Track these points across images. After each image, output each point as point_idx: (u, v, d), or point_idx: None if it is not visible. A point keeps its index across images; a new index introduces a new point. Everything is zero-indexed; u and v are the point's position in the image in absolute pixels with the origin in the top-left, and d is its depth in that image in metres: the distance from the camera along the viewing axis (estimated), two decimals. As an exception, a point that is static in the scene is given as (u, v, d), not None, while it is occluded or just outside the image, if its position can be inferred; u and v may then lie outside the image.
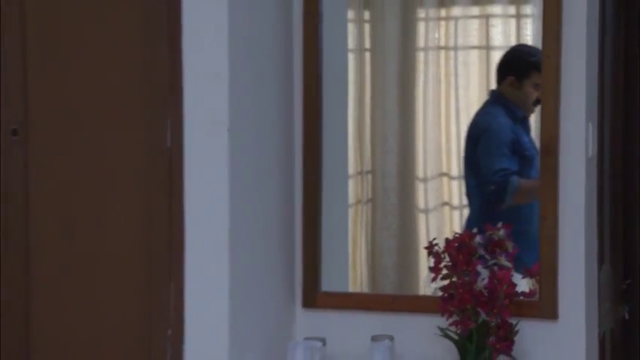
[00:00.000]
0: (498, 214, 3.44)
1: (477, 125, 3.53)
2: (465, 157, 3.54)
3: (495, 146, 3.45)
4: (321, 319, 3.53)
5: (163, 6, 3.17)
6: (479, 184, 3.54)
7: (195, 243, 3.20)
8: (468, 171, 3.55)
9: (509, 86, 3.46)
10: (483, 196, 3.54)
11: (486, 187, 3.51)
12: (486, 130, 3.50)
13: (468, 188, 3.55)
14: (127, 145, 3.23)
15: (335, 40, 3.56)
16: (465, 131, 3.58)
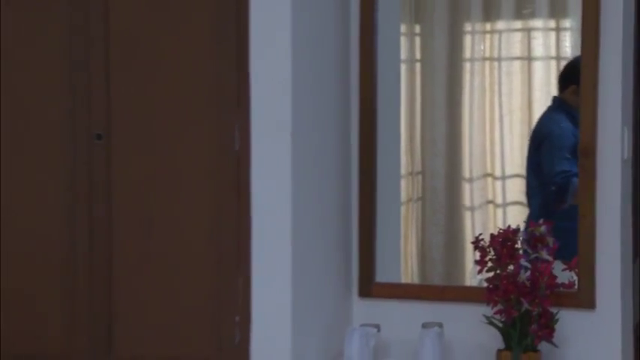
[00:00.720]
0: (557, 213, 3.29)
1: (539, 130, 3.41)
2: (528, 159, 3.43)
3: (557, 150, 3.32)
4: (375, 308, 3.43)
5: (232, 23, 3.10)
6: (540, 184, 3.41)
7: (260, 239, 3.12)
8: (530, 172, 3.43)
9: (571, 94, 3.32)
10: (544, 196, 3.41)
11: (547, 188, 3.37)
12: (549, 134, 3.37)
13: (529, 188, 3.44)
14: (199, 148, 3.15)
15: (389, 52, 3.47)
16: (516, 135, 3.50)
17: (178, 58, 3.14)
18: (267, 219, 3.11)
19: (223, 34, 3.10)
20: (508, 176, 3.49)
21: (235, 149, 3.12)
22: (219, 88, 3.11)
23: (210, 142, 3.13)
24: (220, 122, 3.12)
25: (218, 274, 3.14)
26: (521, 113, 3.47)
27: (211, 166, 3.13)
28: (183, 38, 3.13)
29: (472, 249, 3.27)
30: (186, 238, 3.15)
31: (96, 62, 3.17)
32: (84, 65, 3.18)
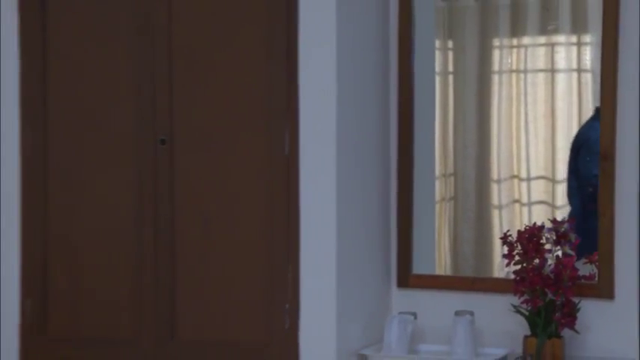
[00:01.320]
0: (593, 211, 3.22)
1: (579, 137, 3.34)
2: (569, 163, 3.35)
3: (594, 155, 3.21)
4: (412, 297, 3.38)
5: (282, 40, 3.06)
6: (579, 186, 3.33)
7: (308, 234, 3.08)
8: (570, 175, 3.35)
9: None
10: (582, 196, 3.33)
11: (585, 190, 3.29)
12: (586, 141, 3.30)
13: (570, 189, 3.36)
14: (253, 152, 3.11)
15: (424, 65, 3.42)
16: (541, 141, 3.43)
17: (234, 71, 3.10)
18: (314, 216, 3.07)
19: (274, 49, 3.06)
20: (533, 178, 3.43)
21: (285, 153, 3.08)
22: (271, 98, 3.08)
23: (263, 147, 3.10)
24: (272, 129, 3.09)
25: (270, 267, 3.10)
26: (545, 121, 3.41)
27: (264, 168, 3.10)
28: (238, 53, 3.10)
29: (500, 244, 3.23)
30: (242, 233, 3.12)
31: (160, 75, 3.14)
32: (150, 78, 3.15)
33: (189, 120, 3.13)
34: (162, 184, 3.15)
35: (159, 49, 3.13)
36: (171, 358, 3.15)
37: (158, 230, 3.15)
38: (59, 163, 3.21)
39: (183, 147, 3.14)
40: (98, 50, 3.17)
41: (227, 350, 3.12)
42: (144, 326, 3.16)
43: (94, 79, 3.19)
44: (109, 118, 3.18)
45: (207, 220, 3.13)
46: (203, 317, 3.14)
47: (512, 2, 3.38)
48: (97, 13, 3.17)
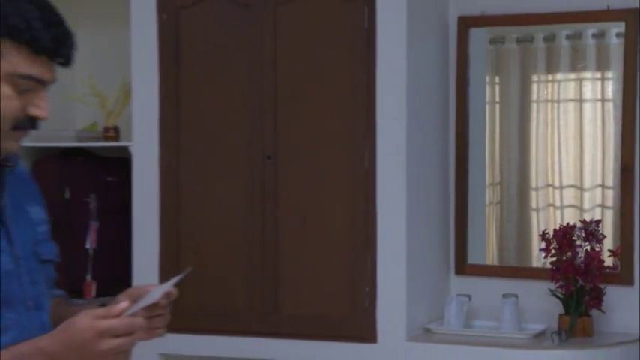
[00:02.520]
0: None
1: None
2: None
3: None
4: (467, 282, 3.24)
5: (364, 77, 2.97)
6: None
7: (383, 231, 2.97)
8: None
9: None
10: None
11: None
12: None
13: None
14: (340, 165, 3.02)
15: (477, 96, 3.29)
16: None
17: (325, 100, 3.01)
18: (388, 217, 2.97)
19: (357, 83, 2.97)
20: (564, 186, 3.28)
21: (365, 166, 2.98)
22: (354, 122, 2.99)
23: (347, 161, 3.00)
24: (354, 147, 2.99)
25: (353, 257, 3.00)
26: (574, 141, 3.26)
27: (348, 178, 3.00)
28: (329, 86, 3.01)
29: (537, 240, 3.11)
30: (331, 230, 3.02)
31: (267, 103, 3.06)
32: (259, 105, 3.07)
33: (290, 140, 3.04)
34: (268, 191, 3.06)
35: (266, 81, 3.05)
36: (274, 328, 3.06)
37: (265, 227, 3.06)
38: (188, 176, 3.14)
39: (285, 162, 3.05)
40: (218, 83, 3.11)
41: (318, 323, 3.02)
42: (253, 303, 3.08)
43: (214, 107, 3.12)
44: (227, 139, 3.11)
45: (304, 219, 3.03)
46: (300, 296, 3.05)
47: (548, 45, 3.26)
48: (219, 52, 3.09)
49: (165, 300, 1.50)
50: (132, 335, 1.35)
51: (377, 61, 2.94)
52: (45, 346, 1.32)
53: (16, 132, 1.41)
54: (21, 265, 1.45)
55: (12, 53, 1.37)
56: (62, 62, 1.43)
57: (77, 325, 1.32)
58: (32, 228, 1.51)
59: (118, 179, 3.35)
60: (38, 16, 1.38)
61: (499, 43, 3.31)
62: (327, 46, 2.99)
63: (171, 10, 3.11)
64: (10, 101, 1.39)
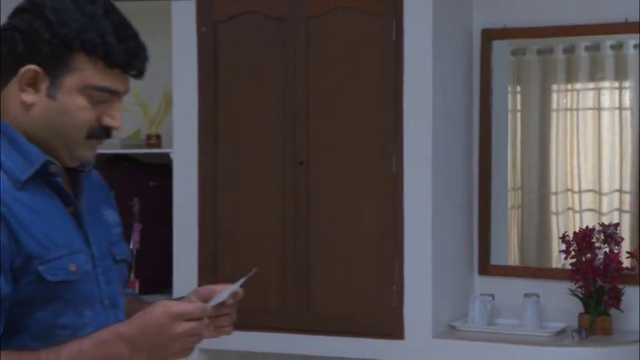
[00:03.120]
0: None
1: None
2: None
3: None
4: (490, 282, 3.16)
5: (391, 85, 2.90)
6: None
7: (410, 233, 2.90)
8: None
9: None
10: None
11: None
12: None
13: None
14: (368, 170, 2.95)
15: (499, 104, 3.22)
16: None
17: (355, 108, 2.95)
18: (414, 220, 2.89)
19: (385, 92, 2.91)
20: (583, 191, 3.19)
21: (392, 171, 2.92)
22: (383, 129, 2.92)
23: (376, 166, 2.93)
24: (383, 153, 2.93)
25: (381, 257, 2.93)
26: (593, 147, 3.18)
27: (376, 183, 2.93)
28: (358, 94, 2.94)
29: (557, 242, 3.02)
30: (360, 232, 2.95)
31: (300, 112, 3.00)
32: (292, 113, 3.02)
33: (321, 146, 2.98)
34: (300, 195, 3.00)
35: (299, 91, 2.99)
36: (307, 325, 3.00)
37: (298, 229, 3.00)
38: (226, 181, 3.09)
39: (316, 167, 2.99)
40: (254, 92, 3.05)
41: (348, 320, 2.96)
42: (287, 301, 3.03)
43: (250, 115, 3.07)
44: (262, 146, 3.06)
45: (335, 221, 2.97)
46: (331, 295, 2.98)
47: (567, 56, 3.18)
48: (254, 63, 3.04)
49: (231, 299, 1.50)
50: (203, 320, 1.34)
51: (404, 71, 2.88)
52: (123, 332, 1.32)
53: (90, 140, 1.41)
54: (97, 265, 1.45)
55: (87, 66, 1.37)
56: (135, 74, 1.43)
57: (153, 311, 1.33)
58: (107, 230, 1.50)
59: (159, 184, 3.33)
60: (112, 30, 1.37)
61: (520, 54, 3.24)
62: (357, 57, 2.93)
63: (209, 24, 3.07)
64: (85, 112, 1.39)
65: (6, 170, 1.35)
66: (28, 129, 1.39)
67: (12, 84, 1.38)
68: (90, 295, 1.41)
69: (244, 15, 3.04)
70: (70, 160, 1.42)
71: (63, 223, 1.40)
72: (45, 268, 1.34)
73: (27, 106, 1.38)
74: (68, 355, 1.30)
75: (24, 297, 1.33)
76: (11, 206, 1.33)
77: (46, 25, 1.35)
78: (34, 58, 1.36)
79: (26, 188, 1.36)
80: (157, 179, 3.35)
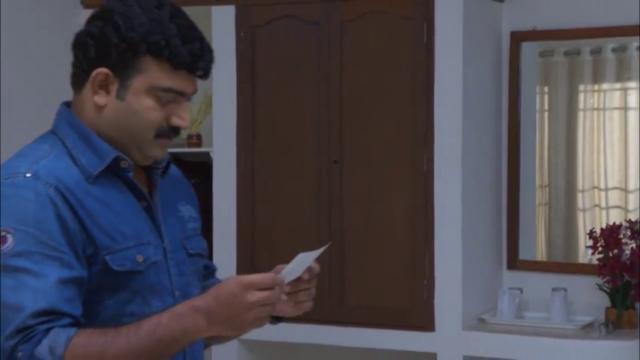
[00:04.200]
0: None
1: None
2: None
3: None
4: (519, 276, 3.11)
5: (423, 89, 2.88)
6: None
7: (441, 229, 2.88)
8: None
9: None
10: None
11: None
12: None
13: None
14: (400, 169, 2.93)
15: (527, 105, 3.17)
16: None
17: (388, 109, 2.93)
18: (445, 216, 2.87)
19: (417, 94, 2.89)
20: (609, 188, 3.14)
21: (424, 170, 2.90)
22: (414, 129, 2.90)
23: (407, 165, 2.91)
24: (414, 151, 2.90)
25: (413, 253, 2.91)
26: (619, 146, 3.12)
27: (408, 181, 2.91)
28: (391, 96, 2.92)
29: (584, 237, 2.97)
30: (392, 228, 2.93)
31: (334, 112, 2.99)
32: (327, 114, 3.01)
33: (355, 146, 2.96)
34: (335, 192, 2.99)
35: (333, 92, 2.98)
36: (341, 318, 2.99)
37: (332, 226, 2.99)
38: (263, 179, 3.09)
39: (350, 165, 2.98)
40: (290, 94, 3.05)
41: (381, 313, 2.94)
42: (322, 294, 2.93)
43: (286, 116, 3.06)
44: (297, 145, 3.05)
45: (368, 218, 2.95)
46: (364, 289, 2.97)
47: (594, 58, 3.13)
48: (290, 66, 3.03)
49: (307, 274, 1.48)
50: (275, 290, 1.34)
51: (435, 72, 2.86)
52: (199, 305, 1.32)
53: (159, 139, 1.43)
54: (170, 257, 1.45)
55: (153, 68, 1.38)
56: (200, 75, 1.43)
57: (226, 283, 1.33)
58: (182, 224, 1.51)
59: (200, 181, 3.35)
60: (177, 33, 1.38)
61: (548, 55, 3.20)
62: (390, 59, 2.92)
63: (248, 29, 3.07)
64: (153, 112, 1.40)
65: (80, 166, 1.39)
66: (101, 129, 1.41)
67: (87, 87, 1.41)
68: (159, 285, 1.41)
69: (281, 19, 3.04)
70: (142, 159, 1.44)
71: (134, 216, 1.42)
72: (112, 258, 1.36)
73: (99, 107, 1.40)
74: (147, 330, 1.30)
75: (93, 285, 1.36)
76: (82, 199, 1.36)
77: (115, 29, 1.38)
78: (104, 62, 1.39)
79: (98, 183, 1.39)
80: (198, 177, 3.36)
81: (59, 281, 1.30)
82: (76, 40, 1.42)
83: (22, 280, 1.28)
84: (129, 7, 1.39)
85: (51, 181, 1.34)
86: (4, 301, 1.28)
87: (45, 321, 1.28)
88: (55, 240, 1.31)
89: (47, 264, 1.30)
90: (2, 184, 1.34)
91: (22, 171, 1.35)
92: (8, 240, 1.29)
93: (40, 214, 1.32)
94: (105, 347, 1.28)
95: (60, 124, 1.43)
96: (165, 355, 1.32)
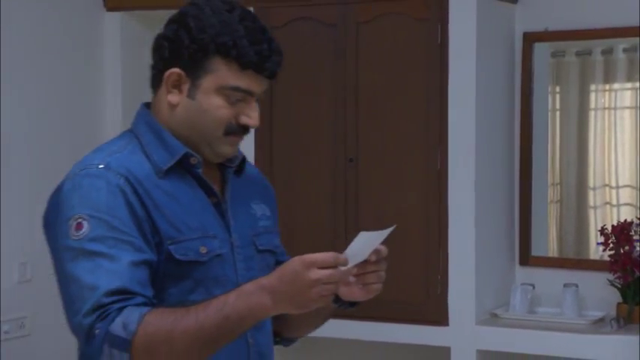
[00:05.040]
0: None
1: None
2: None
3: None
4: (531, 272, 3.08)
5: (437, 89, 2.87)
6: None
7: (454, 225, 2.87)
8: None
9: None
10: None
11: None
12: None
13: None
14: (415, 167, 2.92)
15: (539, 104, 3.14)
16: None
17: (402, 109, 2.92)
18: (458, 213, 2.85)
19: (431, 94, 2.87)
20: (620, 186, 3.11)
21: (438, 168, 2.88)
22: (428, 128, 2.89)
23: (422, 163, 2.90)
24: (428, 150, 2.89)
25: (427, 248, 2.90)
26: (630, 144, 3.08)
27: (422, 178, 2.90)
28: (406, 94, 2.91)
29: (596, 234, 2.94)
30: (407, 225, 2.91)
31: (350, 112, 2.98)
32: (342, 114, 3.00)
33: (371, 144, 2.95)
34: (350, 190, 2.98)
35: (349, 92, 2.97)
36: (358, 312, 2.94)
37: (347, 222, 2.98)
38: (281, 176, 3.08)
39: (366, 164, 2.97)
40: (307, 93, 3.04)
41: (396, 307, 2.92)
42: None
43: (303, 115, 3.06)
44: (314, 143, 3.04)
45: (382, 215, 2.94)
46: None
47: (605, 58, 3.10)
48: (308, 66, 3.02)
49: (374, 256, 1.45)
50: (337, 269, 1.34)
51: (449, 72, 2.84)
52: (264, 284, 1.34)
53: (228, 137, 1.44)
54: (238, 252, 1.47)
55: (222, 68, 1.41)
56: (267, 75, 1.45)
57: (289, 262, 1.35)
58: (253, 221, 1.52)
59: (219, 179, 3.34)
60: (245, 35, 1.41)
61: (560, 56, 3.17)
62: (405, 60, 2.90)
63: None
64: (222, 110, 1.42)
65: (152, 161, 1.43)
66: (174, 127, 1.44)
67: (162, 87, 1.45)
68: (223, 277, 1.42)
69: (298, 21, 3.03)
70: (213, 156, 1.46)
71: (201, 210, 1.44)
72: (175, 248, 1.39)
73: (172, 106, 1.44)
74: (215, 307, 1.32)
75: (159, 273, 1.39)
76: (150, 191, 1.40)
77: (186, 31, 1.41)
78: (177, 63, 1.42)
79: (169, 177, 1.43)
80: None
81: (131, 263, 1.34)
82: (154, 43, 1.47)
83: (98, 263, 1.34)
84: (201, 11, 1.42)
85: (121, 171, 1.39)
86: (82, 282, 1.33)
87: (118, 300, 1.32)
88: (126, 225, 1.36)
89: (120, 248, 1.35)
90: (78, 175, 1.40)
91: (96, 163, 1.40)
92: (84, 226, 1.35)
93: (111, 201, 1.37)
94: (174, 324, 1.31)
95: (137, 123, 1.48)
96: (233, 332, 1.34)
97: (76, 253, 1.35)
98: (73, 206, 1.37)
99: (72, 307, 1.34)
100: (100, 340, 1.30)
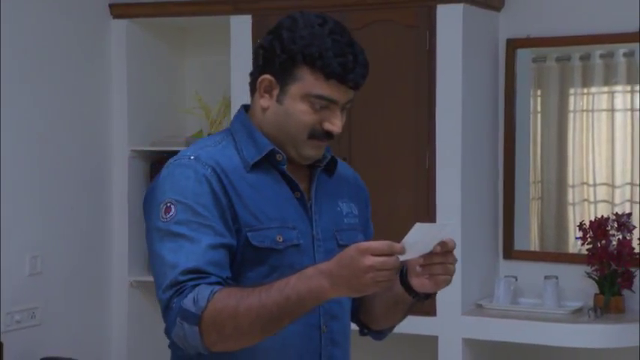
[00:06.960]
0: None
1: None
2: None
3: None
4: (514, 265, 3.09)
5: (425, 88, 2.88)
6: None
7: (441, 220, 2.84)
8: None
9: None
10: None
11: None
12: None
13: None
14: (405, 166, 2.93)
15: (522, 106, 3.15)
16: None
17: (392, 110, 2.93)
18: (445, 209, 2.87)
19: (419, 96, 2.89)
20: (597, 184, 3.12)
21: (426, 167, 2.89)
22: (417, 129, 2.90)
23: (411, 163, 2.91)
24: (418, 150, 2.90)
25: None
26: (607, 145, 3.10)
27: (411, 177, 2.91)
28: (396, 97, 2.92)
29: (574, 229, 2.97)
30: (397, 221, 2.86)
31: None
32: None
33: (363, 144, 2.96)
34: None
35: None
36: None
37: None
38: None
39: (358, 162, 2.92)
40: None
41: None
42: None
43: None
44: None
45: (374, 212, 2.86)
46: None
47: (584, 63, 3.11)
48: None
49: (439, 248, 1.42)
50: (392, 257, 1.34)
51: (437, 77, 2.85)
52: (323, 268, 1.37)
53: (312, 140, 1.49)
54: (319, 245, 1.50)
55: (308, 77, 1.46)
56: (351, 86, 1.49)
57: (348, 249, 1.36)
58: (338, 218, 1.55)
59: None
60: (331, 47, 1.45)
61: (541, 61, 3.18)
62: (395, 65, 2.91)
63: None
64: (306, 115, 1.47)
65: (241, 156, 1.49)
66: (265, 127, 1.51)
67: (257, 91, 1.51)
68: (299, 266, 1.43)
69: (294, 28, 3.05)
70: (299, 157, 1.50)
71: (283, 203, 1.49)
72: (253, 235, 1.44)
73: (264, 109, 1.50)
74: (277, 288, 1.36)
75: (238, 258, 1.44)
76: (235, 182, 1.46)
77: (279, 42, 1.48)
78: (269, 70, 1.48)
79: (255, 172, 1.48)
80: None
81: (209, 246, 1.40)
82: (253, 51, 1.54)
83: (180, 244, 1.40)
84: (295, 23, 1.48)
85: (209, 163, 1.45)
86: (165, 260, 1.40)
87: (193, 278, 1.38)
88: (209, 211, 1.42)
89: (201, 232, 1.40)
90: (172, 164, 1.48)
91: (188, 154, 1.48)
92: (172, 210, 1.42)
93: (197, 189, 1.43)
94: (240, 301, 1.35)
95: (234, 122, 1.54)
96: (293, 313, 1.36)
97: (163, 234, 1.41)
98: (164, 191, 1.44)
99: (157, 281, 1.42)
100: (174, 313, 1.37)
